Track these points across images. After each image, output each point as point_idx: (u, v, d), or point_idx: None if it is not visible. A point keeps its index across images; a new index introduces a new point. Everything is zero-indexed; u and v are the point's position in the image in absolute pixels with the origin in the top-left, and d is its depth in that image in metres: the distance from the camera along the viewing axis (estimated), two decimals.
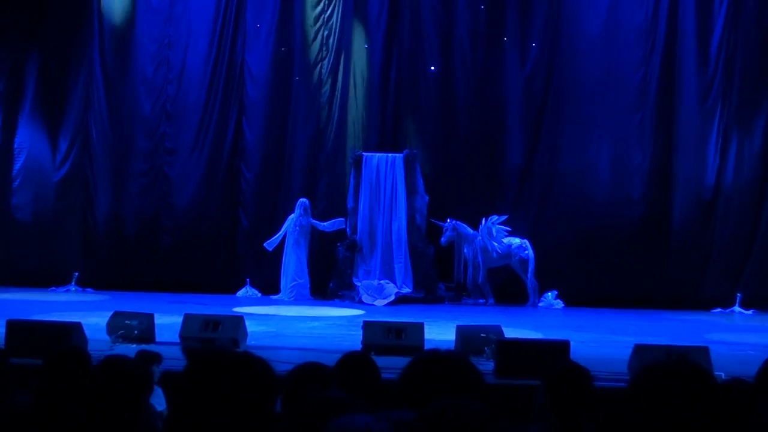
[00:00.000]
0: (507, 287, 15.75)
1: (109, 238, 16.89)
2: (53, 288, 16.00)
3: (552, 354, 7.47)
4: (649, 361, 2.42)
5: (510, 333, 9.45)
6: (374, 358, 3.93)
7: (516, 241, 15.55)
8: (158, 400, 6.15)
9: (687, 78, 15.95)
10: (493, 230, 15.56)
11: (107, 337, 9.13)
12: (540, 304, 15.29)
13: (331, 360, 4.03)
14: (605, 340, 10.52)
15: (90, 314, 11.01)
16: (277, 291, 15.78)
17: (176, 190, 17.04)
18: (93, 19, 17.09)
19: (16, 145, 17.24)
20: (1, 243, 16.94)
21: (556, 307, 15.20)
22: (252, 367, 2.59)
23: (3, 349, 4.54)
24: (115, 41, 17.18)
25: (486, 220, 15.57)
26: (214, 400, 2.49)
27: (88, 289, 16.10)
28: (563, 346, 7.78)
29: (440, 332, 10.42)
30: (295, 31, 16.95)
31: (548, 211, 16.12)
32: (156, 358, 6.89)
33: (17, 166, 17.27)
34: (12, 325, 8.21)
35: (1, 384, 4.17)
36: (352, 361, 3.97)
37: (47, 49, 17.19)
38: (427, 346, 8.74)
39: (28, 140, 17.23)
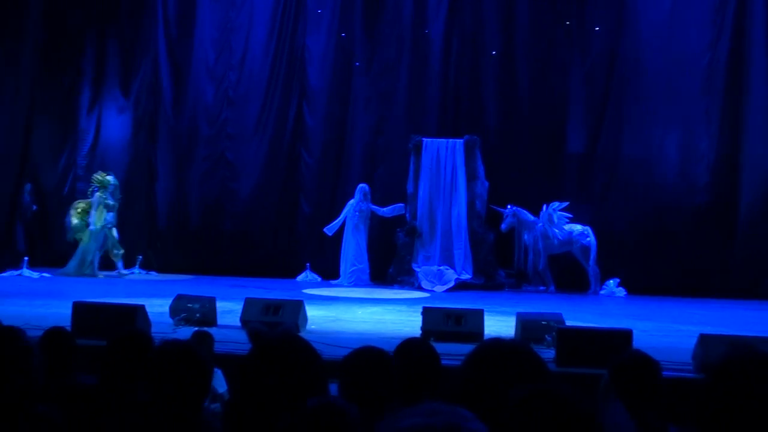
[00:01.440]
0: (568, 274, 15.60)
1: (172, 222, 17.16)
2: (118, 271, 16.24)
3: (614, 343, 7.35)
4: (728, 354, 2.35)
5: (571, 321, 9.34)
6: (434, 344, 3.90)
7: (577, 227, 15.39)
8: (219, 382, 6.21)
9: (756, 64, 15.56)
10: (555, 216, 15.41)
11: (170, 320, 9.23)
12: (601, 292, 15.13)
13: (390, 345, 4.01)
14: (668, 330, 10.35)
15: (153, 297, 11.16)
16: (336, 276, 15.84)
17: (238, 175, 17.20)
18: (158, 5, 17.32)
19: (81, 130, 17.58)
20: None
21: (618, 295, 15.01)
22: (311, 353, 2.59)
23: (69, 331, 4.59)
24: (179, 27, 17.40)
25: (547, 207, 15.42)
26: (277, 383, 2.48)
27: (152, 273, 16.34)
28: (626, 335, 7.66)
29: (500, 319, 10.36)
30: (356, 16, 16.94)
31: (611, 197, 15.92)
32: (211, 339, 6.94)
33: (84, 151, 17.62)
34: (78, 307, 8.33)
35: (67, 365, 4.23)
36: (411, 348, 3.94)
37: (116, 36, 17.48)
38: (487, 334, 8.69)
39: (93, 125, 17.55)
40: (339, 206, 16.17)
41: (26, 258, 15.32)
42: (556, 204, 15.44)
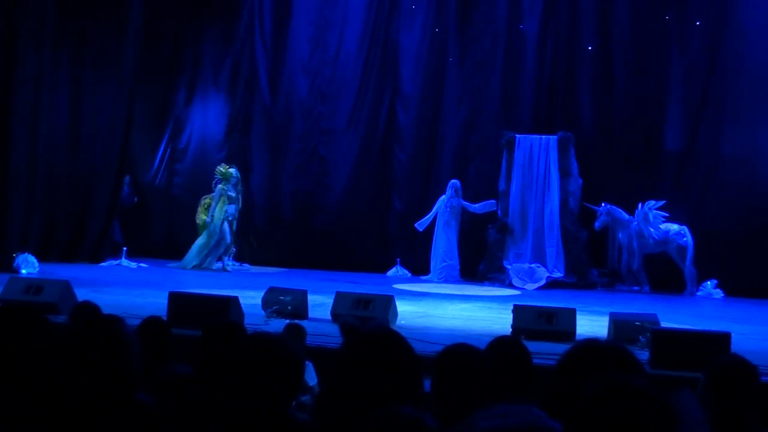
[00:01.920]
0: (663, 275, 15.27)
1: (265, 216, 17.41)
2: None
3: (711, 346, 7.19)
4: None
5: (666, 322, 9.16)
6: (524, 342, 3.86)
7: (674, 227, 15.07)
8: (309, 375, 6.27)
9: None
10: (650, 215, 15.12)
11: (262, 312, 9.37)
12: (698, 293, 14.79)
13: (480, 343, 3.98)
14: None
15: (246, 289, 11.33)
16: (426, 271, 15.84)
17: (330, 170, 17.35)
18: (254, 1, 17.60)
19: (178, 125, 17.99)
20: (165, 220, 17.74)
21: (716, 296, 14.65)
22: (405, 348, 2.58)
23: (166, 321, 4.69)
24: (274, 24, 17.63)
25: (643, 205, 15.14)
26: (370, 377, 2.49)
27: (245, 265, 16.60)
28: (723, 338, 7.48)
29: (592, 319, 10.21)
30: (450, 11, 16.89)
31: (709, 197, 15.52)
32: (303, 331, 7.01)
33: (181, 144, 18.04)
34: (174, 297, 8.51)
35: (163, 354, 4.32)
36: (502, 346, 3.91)
37: (212, 32, 17.84)
38: (578, 333, 8.59)
39: (193, 120, 17.94)
40: (430, 202, 16.16)
41: (125, 248, 15.72)
42: (652, 202, 15.14)
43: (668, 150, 15.90)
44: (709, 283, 14.83)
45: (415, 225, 15.91)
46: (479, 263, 15.79)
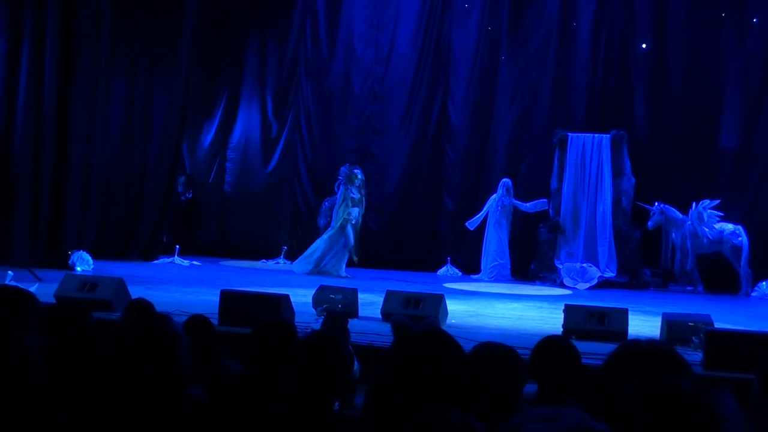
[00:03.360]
0: (718, 275, 15.06)
1: (316, 214, 17.46)
2: (263, 260, 16.70)
3: (766, 347, 7.09)
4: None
5: (720, 323, 9.05)
6: (575, 342, 3.84)
7: (729, 227, 14.86)
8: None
9: None
10: (704, 215, 14.92)
11: (313, 310, 9.43)
12: (753, 294, 14.56)
13: (530, 342, 3.99)
14: None
15: (297, 287, 11.42)
16: (477, 270, 15.81)
17: (382, 168, 17.39)
18: (306, 1, 17.71)
19: (231, 123, 18.16)
20: (217, 217, 17.93)
21: None
22: (455, 348, 2.60)
23: (209, 320, 4.76)
24: (327, 23, 17.71)
25: (697, 204, 14.95)
26: (419, 377, 2.51)
27: None
28: None
29: (644, 319, 10.13)
30: (503, 8, 16.84)
31: (764, 196, 15.28)
32: (344, 321, 7.02)
33: (233, 143, 18.21)
34: (225, 295, 8.61)
35: (210, 351, 4.38)
36: (551, 345, 3.90)
37: (266, 30, 17.96)
38: (630, 334, 8.52)
39: (244, 118, 18.09)
40: (481, 201, 16.12)
41: (178, 246, 15.91)
42: (706, 202, 14.95)
43: (723, 149, 15.68)
44: (764, 283, 14.59)
45: (466, 224, 15.89)
46: (530, 262, 15.72)
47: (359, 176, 15.23)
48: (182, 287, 11.75)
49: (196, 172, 18.18)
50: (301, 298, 9.94)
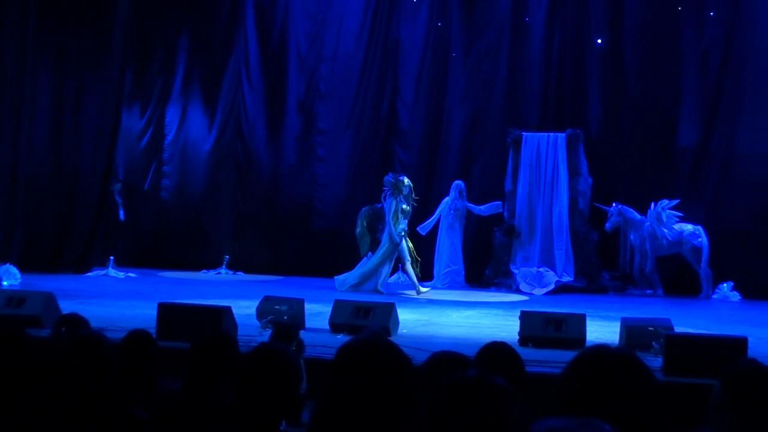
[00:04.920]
0: (677, 277, 15.28)
1: (260, 220, 17.37)
2: (204, 271, 16.57)
3: (728, 351, 7.19)
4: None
5: (680, 327, 9.16)
6: (532, 350, 3.87)
7: (688, 227, 15.07)
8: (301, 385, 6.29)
9: None
10: (663, 215, 15.12)
11: (257, 323, 9.36)
12: (714, 296, 14.78)
13: None
14: None
15: (240, 299, 11.33)
16: (430, 277, 15.82)
17: (329, 171, 17.35)
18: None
19: (166, 127, 17.96)
20: (152, 225, 17.72)
21: (732, 299, 14.64)
22: (399, 358, 2.58)
23: (151, 335, 4.69)
24: (269, 18, 17.62)
25: (655, 205, 15.14)
26: (362, 391, 2.49)
27: (239, 273, 16.61)
28: (740, 342, 7.48)
29: (603, 325, 10.22)
30: (453, 4, 16.91)
31: (725, 195, 15.52)
32: (295, 333, 7.00)
33: (166, 145, 17.99)
34: (163, 308, 8.50)
35: (150, 369, 4.32)
36: (493, 353, 3.91)
37: (200, 25, 17.79)
38: (589, 340, 8.58)
39: (178, 119, 17.91)
40: (433, 204, 16.14)
41: (112, 257, 15.72)
42: (665, 202, 15.14)
43: (682, 147, 15.91)
44: (725, 285, 14.82)
45: (418, 229, 15.88)
46: (485, 268, 15.78)
47: (407, 184, 14.48)
48: (117, 301, 11.60)
49: (130, 177, 17.92)
50: (245, 310, 9.86)
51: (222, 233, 17.40)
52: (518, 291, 14.92)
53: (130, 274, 15.48)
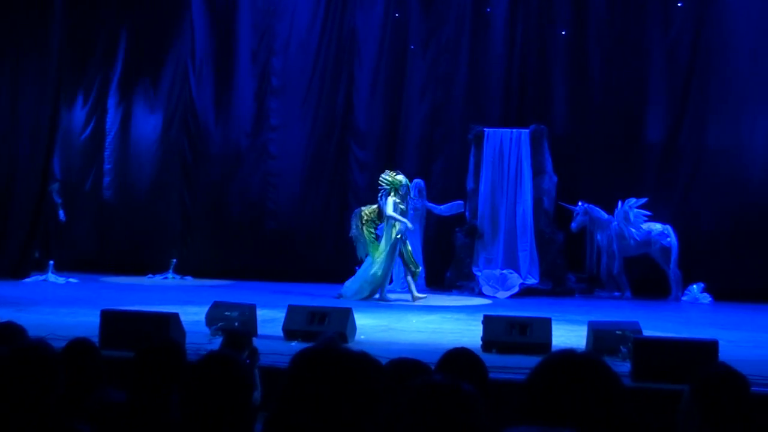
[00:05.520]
0: (646, 279, 15.42)
1: (208, 222, 17.28)
2: (150, 275, 16.46)
3: (698, 355, 7.26)
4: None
5: (649, 331, 9.25)
6: (496, 356, 3.90)
7: (657, 227, 15.21)
8: (255, 393, 6.28)
9: None
10: (631, 215, 15.25)
11: (206, 330, 9.31)
12: (684, 298, 14.94)
13: None
14: (759, 340, 10.19)
15: (188, 305, 11.27)
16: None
17: (281, 170, 17.30)
18: None
19: (108, 122, 17.80)
20: (94, 226, 17.55)
21: (703, 301, 14.80)
22: (356, 367, 2.57)
23: (94, 343, 4.65)
24: (217, 8, 17.53)
25: (623, 204, 15.27)
26: (316, 401, 2.48)
27: (187, 277, 16.51)
28: (711, 346, 7.55)
29: (570, 329, 10.29)
30: None
31: (694, 193, 15.70)
32: (247, 340, 6.97)
33: (108, 142, 17.82)
34: (107, 315, 8.43)
35: (93, 379, 4.28)
36: (455, 359, 3.92)
37: (143, 15, 17.64)
38: (555, 345, 8.63)
39: (120, 115, 17.76)
40: None
41: (52, 262, 15.55)
42: (632, 200, 15.28)
43: (650, 143, 16.04)
44: (695, 286, 14.98)
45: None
46: (446, 270, 15.83)
47: (404, 182, 14.36)
48: (57, 308, 11.49)
49: (70, 176, 17.74)
50: (193, 316, 9.81)
51: (168, 235, 17.27)
52: (481, 294, 14.98)
53: (71, 280, 15.36)
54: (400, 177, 14.38)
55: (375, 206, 14.57)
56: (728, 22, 15.70)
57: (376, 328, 10.46)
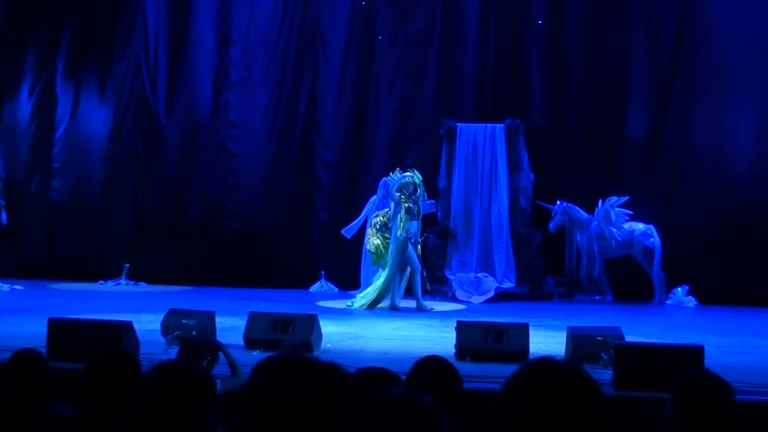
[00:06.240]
0: (628, 281, 15.51)
1: (163, 225, 17.18)
2: (101, 281, 16.36)
3: (683, 362, 7.32)
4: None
5: (632, 336, 9.30)
6: (470, 364, 3.92)
7: (639, 226, 15.30)
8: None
9: None
10: (612, 214, 15.33)
11: (162, 339, 9.28)
12: (668, 302, 15.04)
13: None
14: (747, 345, 10.29)
15: (142, 312, 11.22)
16: (356, 286, 15.82)
17: (241, 168, 17.24)
18: None
19: (57, 117, 17.66)
20: (42, 230, 17.41)
21: (688, 305, 14.92)
22: (322, 378, 2.57)
23: (42, 355, 4.62)
24: None
25: (603, 202, 15.35)
26: (279, 414, 2.48)
27: (141, 283, 16.42)
28: (696, 352, 7.62)
29: (548, 335, 10.34)
30: None
31: (678, 191, 15.80)
32: (205, 349, 6.95)
33: (56, 139, 17.66)
34: (55, 325, 8.39)
35: (39, 393, 4.25)
36: (427, 368, 3.93)
37: (91, 5, 17.51)
38: (532, 352, 8.67)
39: (69, 110, 17.62)
40: (359, 204, 16.14)
41: None
42: (614, 199, 15.36)
43: (632, 138, 16.12)
44: (679, 289, 15.08)
45: (342, 232, 15.87)
46: None
47: (413, 180, 14.10)
48: (2, 317, 11.40)
49: (14, 176, 17.58)
50: (148, 325, 9.78)
51: (121, 238, 17.16)
52: (454, 299, 15.01)
53: (17, 287, 15.26)
54: (410, 174, 14.19)
55: (386, 210, 14.49)
56: (713, 9, 15.80)
57: (343, 335, 10.47)
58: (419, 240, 14.09)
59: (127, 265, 16.61)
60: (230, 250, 16.81)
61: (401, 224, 13.84)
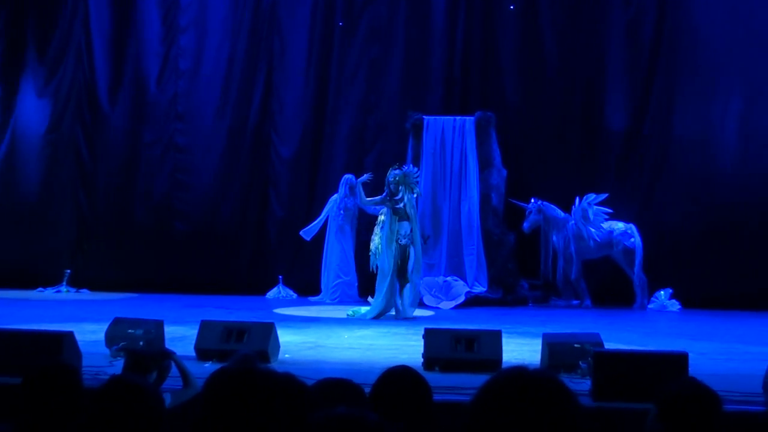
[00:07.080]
0: (608, 285, 15.60)
1: (107, 227, 17.08)
2: (40, 288, 16.26)
3: (666, 370, 7.35)
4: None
5: (611, 343, 9.35)
6: (439, 375, 3.93)
7: (619, 226, 15.39)
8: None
9: None
10: (590, 212, 15.41)
11: (106, 350, 9.23)
12: (650, 306, 15.14)
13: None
14: (733, 352, 10.37)
15: (84, 322, 11.14)
16: (316, 291, 15.83)
17: (191, 165, 17.19)
18: None
19: None
20: None
21: (671, 309, 15.03)
22: (276, 390, 2.58)
23: None
24: None
25: (580, 200, 15.42)
26: (234, 429, 2.48)
27: (83, 290, 16.34)
28: (680, 359, 7.65)
29: (522, 342, 10.37)
30: None
31: (660, 188, 15.91)
32: (154, 361, 6.92)
33: None
34: None
35: None
36: (394, 380, 3.94)
37: None
38: (506, 361, 8.69)
39: (1, 105, 17.49)
40: (319, 204, 16.15)
41: None
42: (591, 197, 15.44)
43: (610, 132, 16.20)
44: (662, 293, 15.18)
45: (301, 233, 15.89)
46: None
47: (411, 176, 13.80)
48: None
49: None
50: (91, 335, 9.71)
51: (61, 243, 17.06)
52: (422, 305, 15.01)
53: None
54: (406, 169, 13.91)
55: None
56: None
57: (302, 345, 10.45)
58: (409, 242, 13.69)
59: (68, 270, 16.52)
60: (180, 254, 16.75)
61: (393, 225, 13.59)
